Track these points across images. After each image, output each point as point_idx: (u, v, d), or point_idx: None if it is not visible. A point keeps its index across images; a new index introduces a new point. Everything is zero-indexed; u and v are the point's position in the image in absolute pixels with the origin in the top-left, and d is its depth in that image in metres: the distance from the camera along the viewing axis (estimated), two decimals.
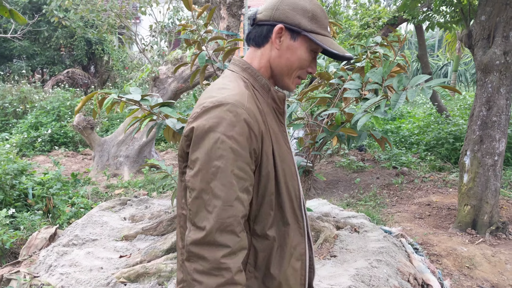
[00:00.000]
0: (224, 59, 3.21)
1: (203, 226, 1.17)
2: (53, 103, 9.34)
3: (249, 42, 1.45)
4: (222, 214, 1.18)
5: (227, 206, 1.19)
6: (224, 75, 1.42)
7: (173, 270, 2.98)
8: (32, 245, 3.59)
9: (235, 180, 1.20)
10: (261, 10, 1.41)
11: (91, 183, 6.43)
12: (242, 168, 1.22)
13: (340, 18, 7.69)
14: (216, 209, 1.18)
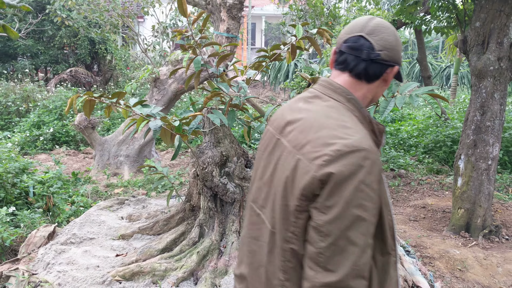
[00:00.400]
0: (218, 64, 3.29)
1: (337, 270, 1.20)
2: (56, 102, 9.44)
3: (353, 73, 1.41)
4: (358, 261, 1.21)
5: (363, 253, 1.22)
6: (329, 105, 1.39)
7: (167, 269, 3.07)
8: (31, 243, 3.67)
9: (371, 227, 1.25)
10: (381, 48, 1.39)
11: (92, 182, 6.52)
12: (375, 215, 1.26)
13: (339, 21, 7.76)
14: (353, 256, 1.20)
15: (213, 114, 2.93)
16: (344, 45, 1.43)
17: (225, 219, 3.44)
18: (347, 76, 1.43)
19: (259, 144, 1.56)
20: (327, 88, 1.42)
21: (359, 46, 1.40)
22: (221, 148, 3.42)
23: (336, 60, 1.47)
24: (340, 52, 1.45)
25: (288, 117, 1.44)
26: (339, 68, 1.45)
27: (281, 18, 28.78)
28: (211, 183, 3.31)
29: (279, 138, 1.43)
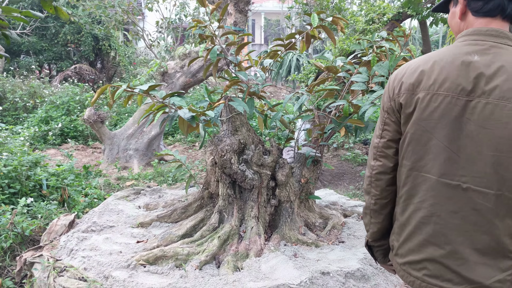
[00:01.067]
0: (237, 53, 3.35)
1: None
2: (63, 97, 9.51)
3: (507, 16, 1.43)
4: None
5: None
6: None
7: (189, 253, 3.14)
8: (53, 231, 3.75)
9: None
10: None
11: (103, 175, 6.60)
12: None
13: (345, 14, 7.81)
14: None
15: (235, 102, 3.00)
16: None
17: (244, 205, 3.51)
18: (501, 21, 1.44)
19: (417, 115, 1.46)
20: (499, 37, 1.41)
21: None
22: (239, 136, 3.49)
23: (484, 7, 1.44)
24: (485, 0, 1.44)
25: (472, 74, 1.37)
26: (494, 15, 1.44)
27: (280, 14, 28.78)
28: (230, 170, 3.38)
29: (471, 99, 1.37)
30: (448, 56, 1.43)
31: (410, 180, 1.52)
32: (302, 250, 3.32)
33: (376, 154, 1.61)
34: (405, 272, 1.57)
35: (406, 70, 1.51)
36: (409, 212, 1.53)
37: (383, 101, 1.58)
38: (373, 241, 1.77)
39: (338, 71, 3.52)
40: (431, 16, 5.93)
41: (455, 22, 1.56)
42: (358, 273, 2.99)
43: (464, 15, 1.51)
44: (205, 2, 3.10)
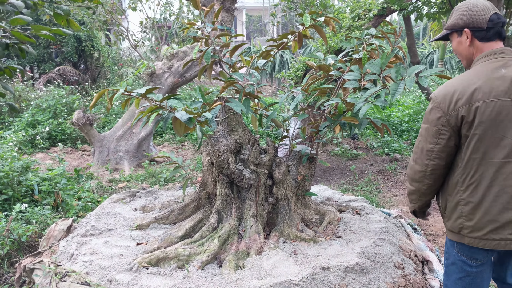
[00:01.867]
0: (232, 54, 3.39)
1: None
2: (49, 100, 9.42)
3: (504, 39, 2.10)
4: None
5: None
6: None
7: (191, 254, 3.18)
8: (51, 237, 3.75)
9: None
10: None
11: (94, 178, 6.58)
12: None
13: (330, 11, 7.89)
14: None
15: (232, 103, 3.03)
16: (490, 22, 2.04)
17: (242, 204, 3.56)
18: (500, 42, 2.07)
19: (478, 120, 1.98)
20: (509, 53, 2.03)
21: (500, 18, 2.06)
22: (235, 136, 3.53)
23: (486, 35, 2.06)
24: (488, 29, 2.05)
25: (507, 81, 1.96)
26: (495, 39, 2.06)
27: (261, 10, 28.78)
28: (227, 170, 3.42)
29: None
30: (484, 74, 1.99)
31: (481, 168, 2.03)
32: (301, 246, 3.38)
33: (431, 156, 2.13)
34: (487, 240, 2.06)
35: (454, 91, 2.02)
36: (482, 193, 2.05)
37: (434, 117, 2.09)
38: (420, 209, 2.44)
39: (330, 70, 3.58)
40: (416, 12, 6.03)
41: (464, 48, 2.14)
42: (357, 267, 3.06)
43: (472, 42, 2.10)
44: (199, 4, 3.13)
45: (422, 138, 2.19)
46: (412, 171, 2.28)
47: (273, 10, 10.21)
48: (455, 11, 2.18)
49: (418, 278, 3.26)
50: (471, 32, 2.08)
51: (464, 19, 2.10)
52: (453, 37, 2.21)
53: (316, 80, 3.50)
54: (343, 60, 3.61)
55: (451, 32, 2.20)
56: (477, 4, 2.09)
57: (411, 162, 2.29)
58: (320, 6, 8.01)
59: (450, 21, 2.20)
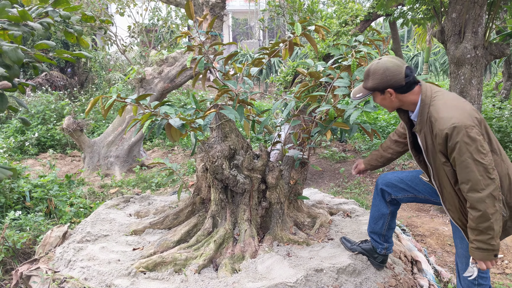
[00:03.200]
0: (226, 62, 3.47)
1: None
2: (37, 106, 9.39)
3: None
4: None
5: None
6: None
7: (187, 258, 3.25)
8: (47, 243, 3.79)
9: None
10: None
11: (85, 184, 6.60)
12: None
13: (317, 16, 8.01)
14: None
15: (226, 110, 3.12)
16: (406, 78, 2.43)
17: (236, 208, 3.64)
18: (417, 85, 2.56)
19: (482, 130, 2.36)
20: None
21: (412, 70, 2.49)
22: (229, 142, 3.61)
23: (406, 87, 2.48)
24: (406, 83, 2.45)
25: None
26: (413, 87, 2.50)
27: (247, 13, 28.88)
28: (221, 175, 3.50)
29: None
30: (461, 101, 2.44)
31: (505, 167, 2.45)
32: (294, 249, 3.47)
33: (491, 167, 2.28)
34: None
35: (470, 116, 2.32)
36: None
37: (478, 134, 2.29)
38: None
39: (320, 76, 3.68)
40: (401, 17, 6.18)
41: (388, 102, 2.54)
42: (350, 268, 3.16)
43: (396, 97, 2.50)
44: (193, 15, 3.21)
45: (472, 163, 2.26)
46: (485, 197, 2.26)
47: (261, 16, 10.31)
48: (371, 75, 2.49)
49: (408, 278, 3.37)
50: (394, 90, 2.46)
51: (385, 81, 2.44)
52: (375, 95, 2.57)
53: (308, 87, 3.60)
54: (332, 67, 3.72)
55: (373, 92, 2.55)
56: (391, 66, 2.42)
57: (475, 195, 2.28)
58: (307, 11, 8.13)
59: (370, 83, 2.50)
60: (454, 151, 2.29)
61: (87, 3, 9.62)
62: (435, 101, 2.40)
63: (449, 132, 2.27)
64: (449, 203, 2.52)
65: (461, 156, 2.26)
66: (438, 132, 2.33)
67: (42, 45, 1.95)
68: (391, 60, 2.45)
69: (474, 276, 2.45)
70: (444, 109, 2.34)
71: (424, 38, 14.43)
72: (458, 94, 5.02)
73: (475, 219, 2.28)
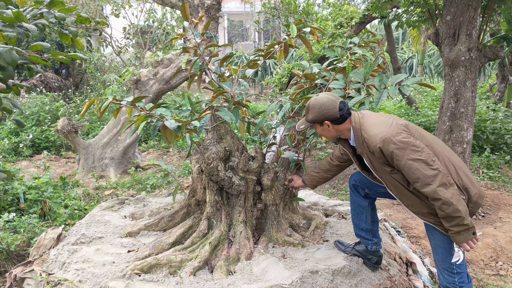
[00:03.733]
0: (221, 64, 3.47)
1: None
2: (32, 108, 9.36)
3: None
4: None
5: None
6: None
7: (182, 260, 3.24)
8: (42, 245, 3.77)
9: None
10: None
11: (80, 186, 6.58)
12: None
13: (312, 18, 8.03)
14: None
15: (222, 112, 3.12)
16: (340, 111, 2.79)
17: (232, 210, 3.64)
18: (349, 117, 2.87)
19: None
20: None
21: (345, 104, 2.84)
22: (224, 143, 3.61)
23: (341, 119, 2.81)
24: (340, 116, 2.79)
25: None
26: (347, 117, 2.83)
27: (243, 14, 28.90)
28: (217, 177, 3.50)
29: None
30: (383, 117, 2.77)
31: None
32: (289, 251, 3.47)
33: (430, 160, 2.53)
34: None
35: (394, 125, 2.65)
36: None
37: (407, 137, 2.57)
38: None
39: (315, 78, 3.69)
40: (396, 20, 6.21)
41: (327, 132, 2.88)
42: (345, 270, 3.16)
43: (333, 128, 2.84)
44: (189, 16, 3.21)
45: (413, 163, 2.52)
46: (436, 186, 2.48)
47: (257, 17, 10.33)
48: (311, 109, 2.82)
49: (403, 280, 3.38)
50: (330, 121, 2.80)
51: (322, 115, 2.77)
52: (316, 126, 2.91)
53: (303, 89, 3.60)
54: (327, 69, 3.73)
55: (313, 124, 2.87)
56: (327, 101, 2.76)
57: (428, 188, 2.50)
58: (303, 13, 8.15)
59: (310, 116, 2.83)
60: (393, 159, 2.56)
61: (82, 4, 9.60)
62: (363, 124, 2.73)
63: (381, 146, 2.57)
64: (410, 204, 2.74)
65: (401, 160, 2.52)
66: (373, 148, 2.62)
67: (37, 47, 1.95)
68: (327, 96, 2.79)
69: (461, 260, 2.64)
70: (371, 128, 2.66)
71: (419, 40, 14.49)
72: (452, 96, 5.06)
73: (440, 207, 2.48)
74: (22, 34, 1.90)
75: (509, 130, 7.95)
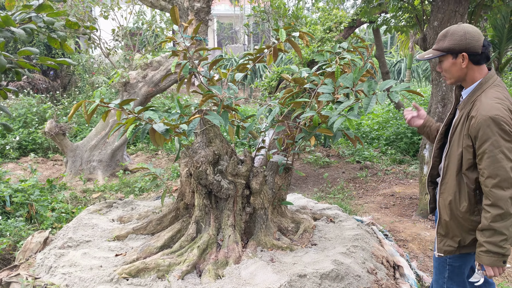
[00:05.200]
0: (211, 68, 3.48)
1: None
2: (19, 109, 9.26)
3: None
4: None
5: None
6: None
7: (170, 264, 3.24)
8: (28, 249, 3.73)
9: None
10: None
11: (67, 188, 6.52)
12: None
13: (302, 22, 8.06)
14: None
15: (211, 115, 3.12)
16: (483, 48, 2.31)
17: (220, 214, 3.64)
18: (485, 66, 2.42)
19: None
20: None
21: (489, 44, 2.37)
22: (213, 147, 3.61)
23: (480, 59, 2.34)
24: (481, 54, 2.32)
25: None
26: (484, 62, 2.37)
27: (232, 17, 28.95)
28: (205, 181, 3.50)
29: None
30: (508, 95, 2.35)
31: None
32: (278, 254, 3.48)
33: None
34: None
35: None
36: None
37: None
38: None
39: (304, 82, 3.71)
40: (385, 25, 6.26)
41: (458, 69, 2.37)
42: (333, 274, 3.18)
43: (467, 65, 2.35)
44: (178, 20, 3.21)
45: (505, 159, 2.17)
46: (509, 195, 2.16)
47: (247, 21, 10.36)
48: (449, 35, 2.35)
49: (390, 283, 3.40)
50: (468, 56, 2.32)
51: (463, 44, 2.31)
52: (446, 58, 2.39)
53: (292, 93, 3.62)
54: (316, 74, 3.75)
55: (446, 53, 2.37)
56: (472, 30, 2.31)
57: (500, 192, 2.17)
58: (292, 17, 8.18)
59: (446, 43, 2.36)
60: (487, 142, 2.20)
61: (70, 6, 9.54)
62: (490, 89, 2.32)
63: (488, 121, 2.19)
64: (446, 187, 2.44)
65: (496, 148, 2.17)
66: (478, 116, 2.23)
67: (25, 52, 1.94)
68: (472, 27, 2.35)
69: (480, 283, 2.32)
70: (492, 99, 2.27)
71: (407, 45, 14.63)
72: (439, 101, 5.11)
73: (492, 217, 2.17)
74: (10, 38, 1.89)
75: None
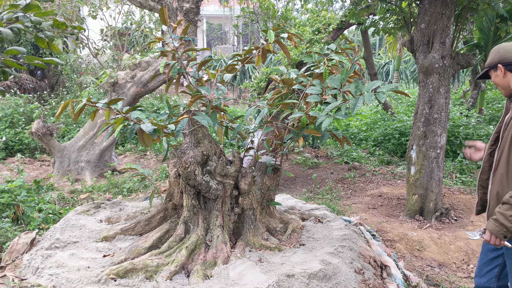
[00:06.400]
0: (199, 68, 3.48)
1: None
2: (5, 110, 9.17)
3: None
4: None
5: None
6: None
7: (158, 264, 3.23)
8: (14, 250, 3.70)
9: None
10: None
11: (55, 189, 6.47)
12: None
13: (291, 23, 8.09)
14: None
15: (199, 116, 3.12)
16: None
17: (209, 214, 3.64)
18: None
19: None
20: None
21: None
22: (202, 148, 3.62)
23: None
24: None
25: None
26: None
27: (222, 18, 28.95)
28: (194, 181, 3.50)
29: None
30: None
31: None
32: (266, 255, 3.49)
33: None
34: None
35: None
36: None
37: None
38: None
39: (293, 84, 3.73)
40: (373, 27, 6.31)
41: (500, 79, 2.61)
42: (321, 274, 3.20)
43: (505, 74, 2.58)
44: (167, 20, 3.21)
45: None
46: None
47: (236, 21, 10.37)
48: (490, 53, 2.68)
49: (377, 283, 3.43)
50: (504, 66, 2.57)
51: (497, 57, 2.60)
52: (491, 73, 2.69)
53: (281, 94, 3.64)
54: (305, 75, 3.77)
55: (489, 69, 2.68)
56: (506, 44, 2.62)
57: None
58: (281, 18, 8.20)
59: (488, 60, 2.68)
60: None
61: (58, 5, 9.47)
62: None
63: None
64: (496, 178, 2.61)
65: None
66: None
67: (12, 51, 1.93)
68: (508, 43, 2.64)
69: (471, 238, 2.67)
70: None
71: (395, 46, 14.74)
72: (426, 102, 5.17)
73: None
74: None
75: (481, 136, 8.16)
